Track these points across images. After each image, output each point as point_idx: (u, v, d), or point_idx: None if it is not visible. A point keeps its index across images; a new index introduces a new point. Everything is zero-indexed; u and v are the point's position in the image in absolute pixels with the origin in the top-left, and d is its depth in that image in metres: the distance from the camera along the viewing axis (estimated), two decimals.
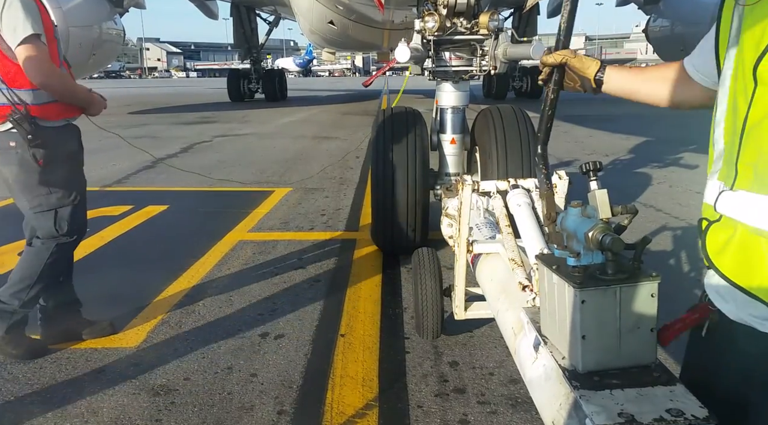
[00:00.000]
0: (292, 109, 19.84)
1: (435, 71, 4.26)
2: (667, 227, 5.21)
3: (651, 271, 1.35)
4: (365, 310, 3.61)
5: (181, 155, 9.94)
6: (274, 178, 7.83)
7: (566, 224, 1.44)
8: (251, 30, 23.09)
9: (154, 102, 23.77)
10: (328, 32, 16.13)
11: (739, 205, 1.12)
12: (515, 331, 1.92)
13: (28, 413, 2.55)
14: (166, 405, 2.60)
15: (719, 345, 1.28)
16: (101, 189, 7.25)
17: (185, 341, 3.21)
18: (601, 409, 1.22)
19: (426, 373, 2.87)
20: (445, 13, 3.91)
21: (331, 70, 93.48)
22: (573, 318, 1.36)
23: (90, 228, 5.38)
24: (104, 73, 79.41)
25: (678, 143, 9.77)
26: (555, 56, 1.59)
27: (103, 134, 3.85)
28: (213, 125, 14.92)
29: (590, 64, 1.59)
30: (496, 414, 2.53)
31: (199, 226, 5.54)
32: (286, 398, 2.66)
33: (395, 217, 4.29)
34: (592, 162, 1.41)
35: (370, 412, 2.55)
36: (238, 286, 4.00)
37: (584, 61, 1.59)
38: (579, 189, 1.78)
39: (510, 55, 3.93)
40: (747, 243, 1.12)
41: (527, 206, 2.60)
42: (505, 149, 4.31)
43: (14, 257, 4.63)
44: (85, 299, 3.80)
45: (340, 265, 4.43)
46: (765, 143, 1.07)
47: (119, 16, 16.65)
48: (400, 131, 4.36)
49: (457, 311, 2.86)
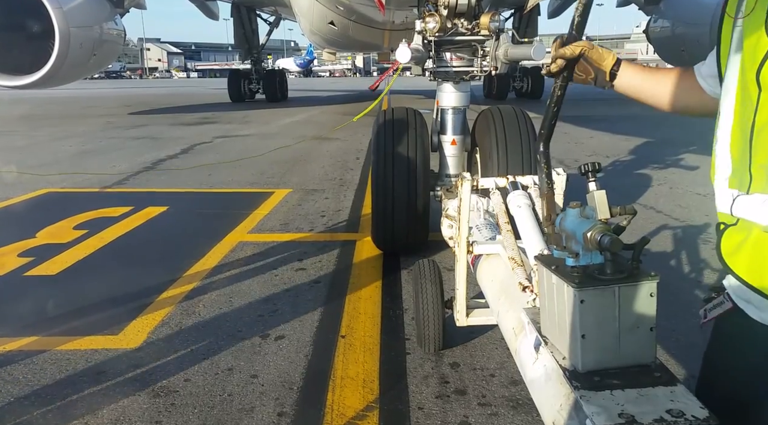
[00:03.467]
0: (293, 109, 19.83)
1: (436, 72, 4.26)
2: (667, 229, 5.21)
3: (650, 271, 1.35)
4: (366, 311, 3.61)
5: (182, 156, 9.94)
6: (274, 179, 7.83)
7: (565, 224, 1.44)
8: (252, 30, 23.09)
9: (155, 102, 23.78)
10: (328, 33, 16.14)
11: (754, 207, 1.13)
12: (516, 332, 1.92)
13: (29, 414, 2.55)
14: (166, 406, 2.60)
15: (742, 345, 1.28)
16: (101, 190, 7.26)
17: (185, 342, 3.21)
18: (602, 410, 1.22)
19: (427, 374, 2.86)
20: (446, 13, 3.90)
21: (331, 71, 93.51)
22: (572, 318, 1.37)
23: (90, 229, 5.42)
24: (105, 74, 79.53)
25: (679, 145, 9.76)
26: (572, 48, 1.50)
27: (102, 135, 3.85)
28: (213, 125, 14.92)
29: (607, 56, 1.54)
30: (497, 416, 2.52)
31: (199, 227, 5.54)
32: (287, 399, 2.66)
33: (395, 218, 4.29)
34: (591, 163, 1.41)
35: (370, 413, 2.55)
36: (239, 287, 3.99)
37: (602, 54, 1.53)
38: (578, 190, 1.77)
39: (511, 55, 3.93)
40: (761, 244, 1.13)
41: (527, 207, 2.59)
42: (506, 149, 4.31)
43: (14, 258, 4.64)
44: (86, 299, 3.82)
45: (341, 266, 4.42)
46: None
47: (120, 16, 16.65)
48: (400, 131, 4.35)
49: (459, 317, 2.77)
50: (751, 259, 1.15)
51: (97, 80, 65.42)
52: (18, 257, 4.66)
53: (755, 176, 1.13)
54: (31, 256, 4.65)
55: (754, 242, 1.14)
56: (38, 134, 13.31)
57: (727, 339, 1.32)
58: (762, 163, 1.12)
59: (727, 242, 1.20)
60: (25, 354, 3.07)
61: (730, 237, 1.20)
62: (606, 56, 1.54)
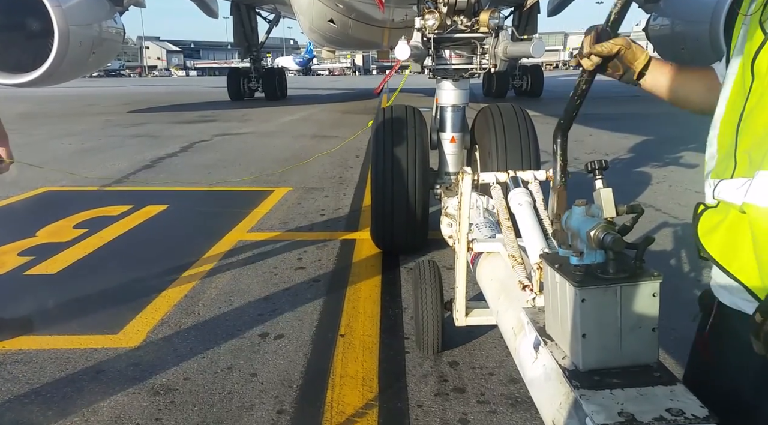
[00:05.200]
0: (292, 107, 19.82)
1: (435, 69, 4.26)
2: (666, 227, 5.21)
3: (653, 271, 1.34)
4: (365, 310, 3.61)
5: (181, 154, 9.93)
6: (274, 177, 7.82)
7: (570, 222, 1.43)
8: (251, 28, 23.05)
9: (154, 101, 23.76)
10: (328, 31, 16.12)
11: (734, 189, 1.15)
12: (515, 331, 1.91)
13: (29, 412, 2.55)
14: (166, 405, 2.60)
15: (720, 339, 1.29)
16: (100, 189, 7.25)
17: (185, 341, 3.21)
18: (601, 408, 1.22)
19: (426, 373, 2.87)
20: (446, 11, 3.90)
21: (331, 69, 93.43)
22: (573, 317, 1.37)
23: (90, 228, 5.42)
24: (104, 72, 79.40)
25: (678, 143, 9.76)
26: (610, 46, 1.46)
27: (102, 133, 3.85)
28: (213, 123, 14.91)
29: (640, 55, 1.50)
30: (496, 414, 2.53)
31: (198, 226, 5.54)
32: (286, 397, 2.66)
33: (395, 216, 4.28)
34: (598, 161, 1.40)
35: (369, 411, 2.55)
36: (238, 286, 3.99)
37: (635, 53, 1.49)
38: (578, 188, 1.77)
39: (510, 53, 3.93)
40: (735, 225, 1.15)
41: (528, 206, 2.58)
42: (505, 147, 4.31)
43: (15, 257, 4.64)
44: (86, 298, 3.82)
45: (340, 265, 4.42)
46: (755, 130, 1.13)
47: (119, 14, 16.61)
48: (399, 129, 4.35)
49: (458, 317, 2.76)
50: (725, 240, 1.17)
51: (96, 79, 65.34)
52: (18, 256, 4.66)
53: (739, 160, 1.16)
54: (31, 255, 4.65)
55: (729, 224, 1.17)
56: (37, 132, 13.30)
57: (709, 328, 1.34)
58: (746, 148, 1.14)
59: (705, 223, 1.23)
60: (24, 353, 3.07)
61: (708, 218, 1.22)
62: (639, 55, 1.50)
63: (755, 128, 1.13)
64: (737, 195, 1.14)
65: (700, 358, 1.39)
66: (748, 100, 1.15)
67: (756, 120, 1.13)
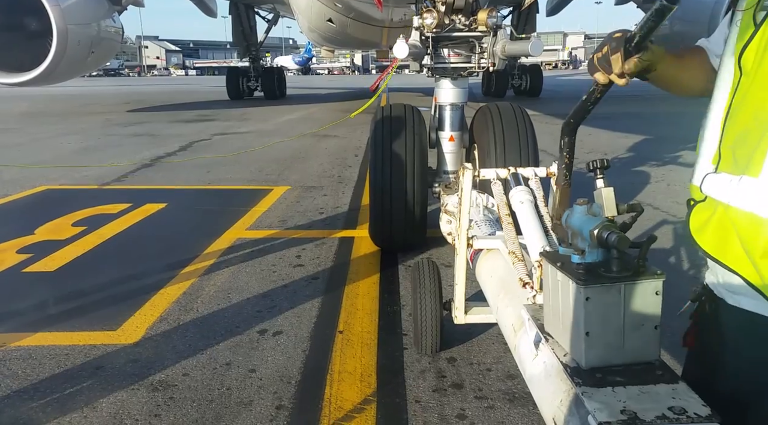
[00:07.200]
0: (292, 107, 19.82)
1: (433, 68, 4.26)
2: (664, 226, 5.22)
3: (656, 269, 1.35)
4: (363, 307, 3.61)
5: (180, 153, 9.93)
6: (273, 176, 7.83)
7: (571, 221, 1.43)
8: (250, 28, 23.05)
9: (153, 100, 23.75)
10: (327, 30, 16.13)
11: (720, 186, 1.18)
12: (515, 328, 1.92)
13: (28, 409, 2.55)
14: (165, 400, 2.60)
15: (715, 335, 1.31)
16: (99, 187, 7.25)
17: (184, 337, 3.22)
18: (604, 406, 1.22)
19: (424, 369, 2.87)
20: (444, 10, 3.91)
21: (330, 68, 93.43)
22: (577, 315, 1.37)
23: (88, 226, 5.42)
24: (103, 71, 79.38)
25: (676, 142, 9.77)
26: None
27: (101, 132, 3.86)
28: (212, 123, 14.90)
29: (659, 54, 1.36)
30: (494, 409, 2.53)
31: (197, 224, 5.54)
32: (285, 393, 2.66)
33: (393, 214, 4.29)
34: (599, 160, 1.40)
35: (368, 407, 2.56)
36: (237, 283, 4.00)
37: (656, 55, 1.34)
38: (579, 187, 1.78)
39: (508, 52, 3.94)
40: (723, 222, 1.18)
41: (529, 203, 2.58)
42: (504, 146, 4.31)
43: (14, 254, 4.64)
44: (84, 295, 3.82)
45: (339, 262, 4.43)
46: (738, 126, 1.16)
47: (118, 14, 16.63)
48: (398, 128, 4.35)
49: (457, 315, 2.75)
50: (716, 236, 1.20)
51: (95, 78, 65.30)
52: (17, 253, 4.66)
53: (723, 155, 1.19)
54: (29, 252, 4.65)
55: (717, 221, 1.19)
56: (37, 131, 13.30)
57: (703, 322, 1.36)
58: (730, 144, 1.17)
59: (696, 218, 1.25)
60: (23, 349, 3.07)
61: (699, 213, 1.25)
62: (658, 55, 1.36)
63: (739, 124, 1.16)
64: (723, 194, 1.17)
65: (692, 351, 1.41)
66: (735, 96, 1.18)
67: (740, 116, 1.16)
